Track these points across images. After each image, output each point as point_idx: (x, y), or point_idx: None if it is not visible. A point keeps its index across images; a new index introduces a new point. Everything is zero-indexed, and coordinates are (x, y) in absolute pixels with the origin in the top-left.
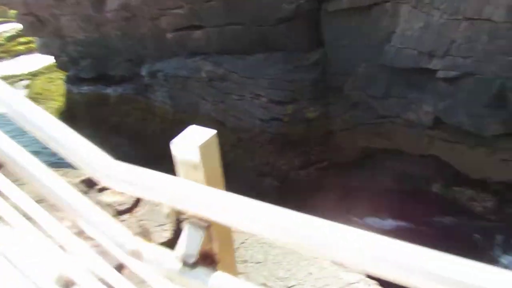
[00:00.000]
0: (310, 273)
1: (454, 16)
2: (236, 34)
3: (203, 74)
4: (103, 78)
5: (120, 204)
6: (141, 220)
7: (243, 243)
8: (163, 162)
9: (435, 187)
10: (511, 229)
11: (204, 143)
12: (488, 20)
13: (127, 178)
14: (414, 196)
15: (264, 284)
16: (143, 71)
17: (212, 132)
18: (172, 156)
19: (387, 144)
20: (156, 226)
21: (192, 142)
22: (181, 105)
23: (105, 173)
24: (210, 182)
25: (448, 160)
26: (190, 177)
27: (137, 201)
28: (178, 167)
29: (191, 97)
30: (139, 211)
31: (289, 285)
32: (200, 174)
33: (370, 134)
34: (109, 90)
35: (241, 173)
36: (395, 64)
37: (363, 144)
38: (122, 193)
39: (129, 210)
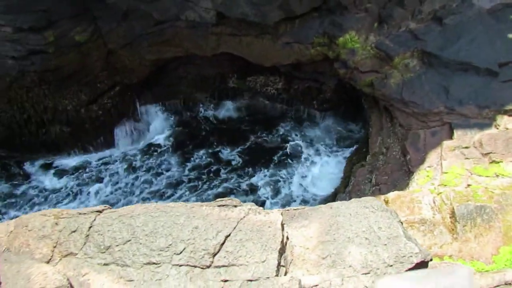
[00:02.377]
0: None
1: None
2: None
3: None
4: None
5: None
6: None
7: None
8: None
9: (232, 82)
10: (300, 102)
11: None
12: None
13: None
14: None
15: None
16: None
17: None
18: None
19: (177, 51)
20: None
21: None
22: None
23: None
24: None
25: (239, 54)
26: None
27: None
28: None
29: None
30: None
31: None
32: None
33: (155, 45)
34: None
35: (15, 130)
36: None
37: (151, 57)
38: None
39: None
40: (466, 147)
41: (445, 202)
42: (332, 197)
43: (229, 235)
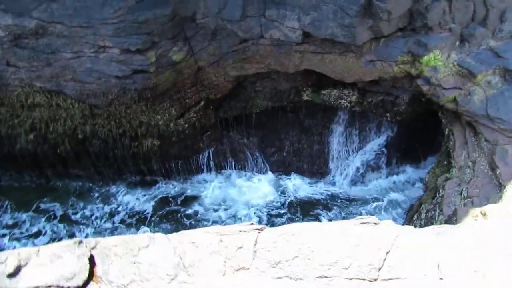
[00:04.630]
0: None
1: None
2: None
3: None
4: None
5: None
6: None
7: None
8: None
9: (306, 95)
10: (373, 114)
11: None
12: None
13: None
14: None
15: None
16: None
17: None
18: None
19: (260, 68)
20: None
21: None
22: None
23: None
24: None
25: (320, 71)
26: None
27: None
28: None
29: None
30: None
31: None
32: None
33: (238, 62)
34: None
35: (109, 144)
36: None
37: (235, 74)
38: None
39: None
40: None
41: None
42: (417, 207)
43: (389, 251)
